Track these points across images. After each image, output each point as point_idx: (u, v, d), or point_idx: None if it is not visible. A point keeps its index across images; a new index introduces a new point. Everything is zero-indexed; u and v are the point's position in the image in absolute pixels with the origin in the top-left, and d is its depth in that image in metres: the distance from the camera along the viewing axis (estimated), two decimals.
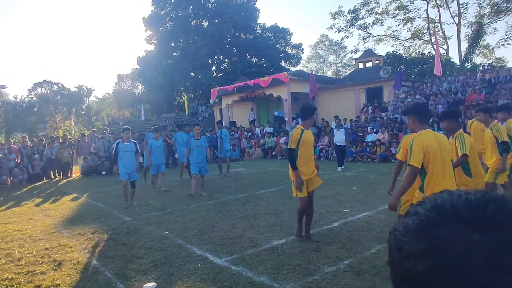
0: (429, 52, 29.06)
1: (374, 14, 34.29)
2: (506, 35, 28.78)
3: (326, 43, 54.14)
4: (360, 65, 25.76)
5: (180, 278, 3.90)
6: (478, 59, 31.38)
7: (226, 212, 6.74)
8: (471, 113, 12.49)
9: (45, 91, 51.28)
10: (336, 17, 35.06)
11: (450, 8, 30.91)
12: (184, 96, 38.49)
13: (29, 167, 14.43)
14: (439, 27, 31.71)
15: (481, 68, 20.16)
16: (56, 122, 50.57)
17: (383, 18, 34.48)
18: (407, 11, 33.27)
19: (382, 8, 33.89)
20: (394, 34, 35.67)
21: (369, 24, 35.04)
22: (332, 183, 8.83)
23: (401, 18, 33.92)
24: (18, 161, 14.45)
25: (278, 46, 37.44)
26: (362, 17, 34.54)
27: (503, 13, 28.76)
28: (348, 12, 34.34)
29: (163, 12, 36.57)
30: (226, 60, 37.40)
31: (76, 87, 52.83)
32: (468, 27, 30.21)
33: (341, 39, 40.19)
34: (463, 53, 28.74)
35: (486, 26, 29.33)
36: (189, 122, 16.43)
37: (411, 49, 34.78)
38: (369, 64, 24.96)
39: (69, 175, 15.43)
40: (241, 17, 35.34)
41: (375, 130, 15.17)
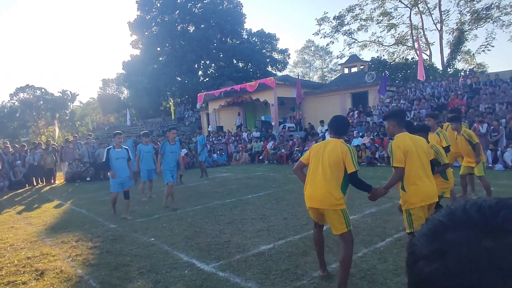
0: (413, 58, 29.66)
1: (359, 21, 34.80)
2: (486, 42, 29.54)
3: (312, 49, 54.63)
4: (346, 70, 26.04)
5: (167, 286, 3.85)
6: (460, 65, 32.11)
7: (213, 218, 6.69)
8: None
9: (28, 96, 50.36)
10: (322, 23, 35.44)
11: (433, 15, 31.66)
12: (171, 101, 38.27)
13: (11, 174, 14.09)
14: (422, 34, 32.38)
15: (463, 74, 20.65)
16: (39, 128, 49.62)
17: (368, 24, 35.03)
18: (391, 18, 33.88)
19: (367, 15, 34.44)
20: (379, 40, 36.24)
21: (354, 30, 35.52)
22: None
23: (385, 25, 34.51)
24: None
25: (265, 51, 37.63)
26: (347, 23, 35.00)
27: (483, 20, 29.57)
28: (334, 18, 34.75)
29: (149, 17, 36.40)
30: (213, 65, 37.38)
31: (60, 92, 52.16)
32: (450, 34, 30.93)
33: (327, 45, 40.90)
34: (446, 59, 29.38)
35: (467, 33, 30.07)
36: (175, 127, 16.33)
37: (395, 55, 35.38)
38: (355, 69, 25.25)
39: (53, 182, 15.12)
40: (228, 22, 35.43)
41: (361, 134, 15.34)
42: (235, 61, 37.04)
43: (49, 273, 4.40)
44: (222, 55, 36.32)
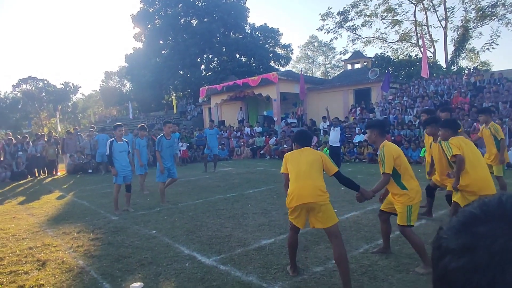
0: (416, 55, 29.48)
1: (363, 16, 34.60)
2: (491, 40, 29.30)
3: (316, 44, 54.36)
4: (349, 67, 25.94)
5: (168, 278, 3.86)
6: (464, 63, 31.94)
7: (215, 212, 6.70)
8: (458, 116, 12.72)
9: (30, 88, 50.37)
10: (326, 18, 35.26)
11: (437, 12, 31.42)
12: (173, 95, 38.20)
13: (13, 165, 14.13)
14: (426, 30, 32.18)
15: (467, 71, 20.53)
16: (41, 119, 49.71)
17: (372, 21, 34.83)
18: (395, 14, 33.67)
19: (371, 11, 34.24)
20: (382, 36, 36.05)
21: (358, 26, 35.34)
22: None
23: (389, 21, 34.31)
24: (1, 159, 14.14)
25: (268, 46, 37.47)
26: (351, 19, 34.82)
27: (488, 18, 29.32)
28: (338, 14, 34.56)
29: (152, 10, 36.24)
30: (216, 59, 37.27)
31: (62, 84, 52.10)
32: (455, 31, 30.72)
33: (330, 40, 40.73)
34: (450, 56, 29.22)
35: (472, 30, 29.87)
36: (177, 121, 16.35)
37: (399, 52, 35.21)
38: (358, 66, 25.14)
39: (54, 173, 15.16)
40: (231, 16, 35.25)
41: (363, 131, 15.31)
42: (238, 56, 36.91)
43: (51, 264, 4.42)
44: (225, 49, 36.19)
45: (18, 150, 14.59)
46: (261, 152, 17.25)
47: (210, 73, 35.75)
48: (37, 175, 14.82)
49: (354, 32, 35.73)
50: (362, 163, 13.42)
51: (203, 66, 37.47)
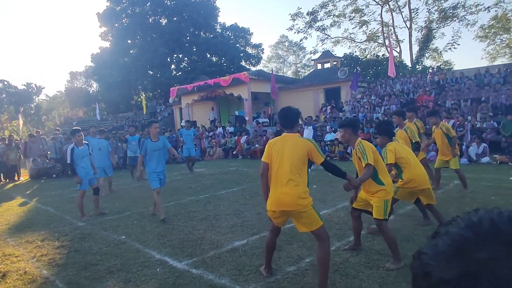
0: (383, 55, 30.36)
1: (332, 17, 35.25)
2: (453, 40, 30.69)
3: (286, 44, 54.83)
4: (319, 66, 26.34)
5: (138, 285, 3.75)
6: (428, 62, 33.17)
7: (186, 214, 6.59)
8: (423, 113, 13.17)
9: None
10: (295, 18, 35.67)
11: (403, 13, 32.49)
12: (142, 95, 37.39)
13: None
14: (392, 31, 33.20)
15: (431, 70, 21.35)
16: (2, 122, 47.28)
17: (340, 21, 35.56)
18: (363, 15, 34.53)
19: (339, 11, 34.94)
20: (351, 37, 36.90)
21: (327, 26, 35.97)
22: None
23: (357, 21, 35.14)
24: None
25: (239, 46, 37.42)
26: (320, 19, 35.38)
27: (450, 19, 30.65)
28: (307, 14, 35.03)
29: (119, 8, 35.31)
30: (186, 59, 36.81)
31: (24, 85, 49.67)
32: (419, 31, 31.89)
33: (300, 40, 41.26)
34: (414, 56, 30.29)
35: (435, 31, 31.09)
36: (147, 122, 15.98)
37: (367, 51, 36.12)
38: (327, 65, 25.57)
39: (16, 179, 14.46)
40: (201, 16, 34.92)
41: (334, 129, 15.56)
42: (209, 55, 36.63)
43: (12, 275, 4.19)
44: (195, 49, 35.81)
45: None
46: (233, 153, 17.18)
47: (181, 73, 35.27)
48: None
49: (324, 32, 36.35)
50: (333, 161, 13.64)
51: (173, 66, 36.92)
